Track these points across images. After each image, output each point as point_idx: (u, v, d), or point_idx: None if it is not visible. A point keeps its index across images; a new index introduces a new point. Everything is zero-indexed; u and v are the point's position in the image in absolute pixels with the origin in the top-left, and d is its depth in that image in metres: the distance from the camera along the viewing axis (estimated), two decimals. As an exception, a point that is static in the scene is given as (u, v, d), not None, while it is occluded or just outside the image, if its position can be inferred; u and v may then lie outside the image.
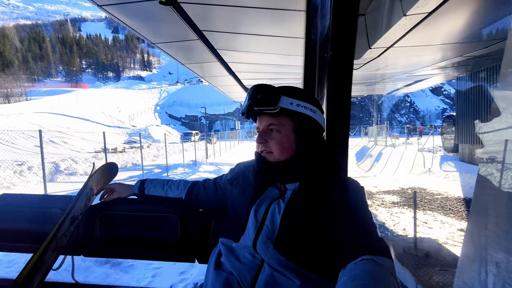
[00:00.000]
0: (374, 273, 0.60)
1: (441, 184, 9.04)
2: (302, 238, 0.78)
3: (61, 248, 1.03)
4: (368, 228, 0.74)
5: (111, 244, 1.19)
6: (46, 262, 0.94)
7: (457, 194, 7.73)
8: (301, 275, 0.76)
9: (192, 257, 1.17)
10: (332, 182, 0.84)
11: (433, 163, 12.60)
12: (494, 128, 1.12)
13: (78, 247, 1.19)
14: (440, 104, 59.89)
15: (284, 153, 0.87)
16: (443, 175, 10.53)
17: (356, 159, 17.60)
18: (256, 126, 0.93)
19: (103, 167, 1.28)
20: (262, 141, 0.88)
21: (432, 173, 11.07)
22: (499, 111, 1.07)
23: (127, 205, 1.22)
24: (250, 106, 0.85)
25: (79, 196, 1.11)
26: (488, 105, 10.95)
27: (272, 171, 0.88)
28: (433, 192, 8.06)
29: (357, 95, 13.28)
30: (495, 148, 1.19)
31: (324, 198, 0.81)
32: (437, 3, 2.33)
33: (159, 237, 1.16)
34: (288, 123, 0.87)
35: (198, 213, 1.19)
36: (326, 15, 1.51)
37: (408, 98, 59.19)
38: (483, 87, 11.11)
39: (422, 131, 25.80)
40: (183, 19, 2.55)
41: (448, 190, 8.14)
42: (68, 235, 1.06)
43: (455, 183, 9.07)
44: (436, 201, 7.07)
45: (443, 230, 5.02)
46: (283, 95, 0.84)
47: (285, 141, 0.86)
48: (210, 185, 1.15)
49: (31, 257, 0.89)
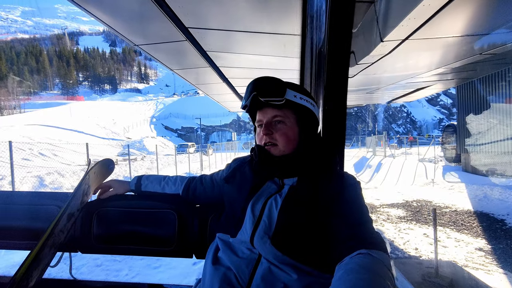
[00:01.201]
0: (370, 266, 0.59)
1: (447, 196, 8.55)
2: (299, 233, 0.78)
3: (58, 245, 1.02)
4: (364, 222, 0.73)
5: (108, 240, 1.18)
6: (43, 259, 0.93)
7: (466, 207, 7.24)
8: (298, 269, 0.76)
9: (189, 252, 1.16)
10: (329, 177, 0.84)
11: (436, 173, 12.16)
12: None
13: (75, 243, 1.19)
14: (437, 114, 60.01)
15: (289, 144, 0.87)
16: (448, 186, 10.05)
17: (355, 170, 17.16)
18: (257, 119, 0.92)
19: (100, 163, 1.25)
20: (269, 132, 0.87)
21: (436, 184, 10.60)
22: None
23: (124, 201, 1.21)
24: (255, 97, 0.85)
25: (76, 193, 1.10)
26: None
27: (274, 165, 0.87)
28: (440, 205, 7.55)
29: (356, 104, 12.90)
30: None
31: (321, 193, 0.81)
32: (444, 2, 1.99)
33: (156, 233, 1.15)
34: (292, 116, 0.88)
35: (195, 208, 1.18)
36: (322, 15, 1.49)
37: (404, 108, 59.32)
38: (486, 94, 10.79)
39: (413, 141, 25.59)
40: (167, 16, 2.28)
41: (456, 203, 7.65)
42: (65, 232, 1.06)
43: (461, 195, 8.58)
44: (445, 215, 6.56)
45: (459, 249, 4.49)
46: (287, 88, 0.85)
47: (290, 133, 0.87)
48: (207, 180, 1.15)
49: (28, 254, 0.88)
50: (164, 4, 2.12)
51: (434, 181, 11.05)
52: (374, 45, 2.79)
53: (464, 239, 4.89)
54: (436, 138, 29.47)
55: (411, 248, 4.59)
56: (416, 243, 4.79)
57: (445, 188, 9.79)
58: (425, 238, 5.00)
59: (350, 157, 20.34)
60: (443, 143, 15.12)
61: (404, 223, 5.98)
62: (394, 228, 5.64)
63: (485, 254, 4.30)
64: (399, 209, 7.28)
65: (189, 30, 2.66)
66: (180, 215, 1.15)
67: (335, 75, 1.17)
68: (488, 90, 10.75)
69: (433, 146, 16.03)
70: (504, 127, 10.22)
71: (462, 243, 4.74)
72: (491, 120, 10.82)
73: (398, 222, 6.11)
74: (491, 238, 4.96)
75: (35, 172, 11.97)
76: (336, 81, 1.17)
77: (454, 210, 6.94)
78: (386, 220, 6.25)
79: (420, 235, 5.15)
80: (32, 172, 11.97)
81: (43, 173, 11.81)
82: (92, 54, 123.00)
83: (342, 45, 1.15)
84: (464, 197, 8.32)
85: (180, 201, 1.17)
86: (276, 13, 2.30)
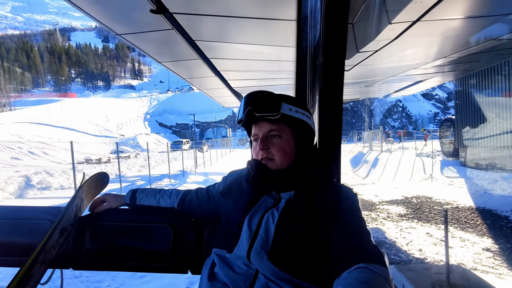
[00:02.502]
0: (369, 281, 0.58)
1: (447, 192, 8.36)
2: (297, 247, 0.76)
3: (50, 261, 0.96)
4: (362, 235, 0.72)
5: (101, 256, 1.14)
6: (34, 276, 0.88)
7: (467, 203, 7.03)
8: (296, 285, 0.74)
9: (185, 268, 1.13)
10: (326, 190, 0.83)
11: (434, 168, 11.99)
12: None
13: (67, 260, 1.14)
14: (432, 108, 60.05)
15: (286, 159, 0.86)
16: (447, 181, 9.88)
17: (352, 165, 17.01)
18: (253, 133, 0.91)
19: (94, 177, 1.24)
20: (265, 147, 0.86)
21: (434, 180, 10.42)
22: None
23: (118, 216, 1.17)
24: (250, 112, 0.84)
25: (69, 207, 1.07)
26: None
27: (272, 179, 0.86)
28: (441, 201, 7.35)
29: (352, 98, 12.60)
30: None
31: (318, 206, 0.79)
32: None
33: (151, 247, 1.12)
34: (288, 129, 0.87)
35: (191, 222, 1.15)
36: (316, 23, 1.45)
37: (400, 103, 59.28)
38: (486, 88, 10.59)
39: (401, 136, 25.64)
40: (149, 1, 1.96)
41: (457, 199, 7.45)
42: (57, 248, 1.01)
43: (461, 191, 8.40)
44: (447, 212, 6.34)
45: (466, 250, 4.27)
46: (282, 102, 0.84)
47: (287, 146, 0.86)
48: (203, 194, 1.13)
49: (18, 271, 0.83)
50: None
51: (433, 176, 10.87)
52: (380, 29, 2.47)
53: (470, 239, 4.67)
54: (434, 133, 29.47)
55: (415, 249, 4.35)
56: (419, 243, 4.55)
57: (444, 184, 9.61)
58: (429, 238, 4.77)
59: (346, 152, 20.17)
60: (440, 138, 14.94)
61: (405, 221, 5.75)
62: (396, 227, 5.40)
63: (493, 255, 4.07)
64: (399, 206, 7.06)
65: (175, 17, 2.38)
66: (175, 229, 1.12)
67: (330, 82, 1.13)
68: (488, 83, 10.55)
69: (431, 140, 15.86)
70: (504, 120, 10.03)
71: (468, 243, 4.52)
72: (491, 114, 10.64)
73: (399, 220, 5.88)
74: (497, 236, 4.75)
75: (23, 172, 11.54)
76: (331, 88, 1.13)
77: (455, 207, 6.73)
78: (387, 218, 6.02)
79: (423, 235, 4.92)
80: (20, 171, 11.55)
81: (31, 172, 11.39)
82: (85, 50, 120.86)
83: (337, 56, 1.11)
84: (465, 192, 8.14)
85: (175, 214, 1.14)
86: (272, 26, 2.26)
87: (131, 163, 18.86)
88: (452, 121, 13.79)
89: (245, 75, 4.76)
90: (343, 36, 1.10)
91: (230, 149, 30.96)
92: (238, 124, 0.92)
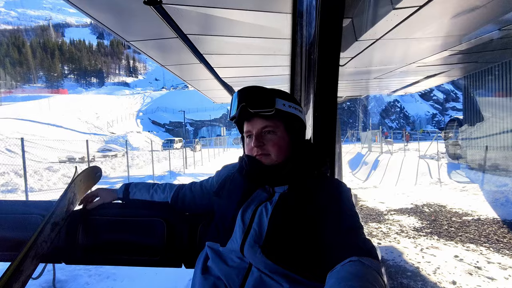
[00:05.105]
0: (361, 274, 0.59)
1: (461, 199, 7.42)
2: (290, 241, 0.77)
3: (41, 256, 0.96)
4: (355, 229, 0.73)
5: (94, 250, 1.14)
6: (25, 271, 0.88)
7: (489, 214, 6.08)
8: (289, 278, 0.74)
9: (179, 262, 1.13)
10: (319, 184, 0.84)
11: (440, 171, 11.10)
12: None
13: (60, 254, 1.14)
14: (430, 109, 59.58)
15: (282, 154, 0.86)
16: (459, 187, 8.95)
17: (350, 167, 16.11)
18: (246, 130, 0.90)
19: (86, 171, 1.22)
20: (260, 144, 0.85)
21: (444, 185, 9.50)
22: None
23: (111, 210, 1.17)
24: (244, 108, 0.83)
25: (61, 201, 1.06)
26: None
27: (266, 174, 0.86)
28: (458, 212, 6.39)
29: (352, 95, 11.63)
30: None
31: (311, 200, 0.80)
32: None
33: (144, 242, 1.12)
34: (281, 124, 0.87)
35: (185, 216, 1.15)
36: (312, 19, 1.43)
37: (398, 103, 58.69)
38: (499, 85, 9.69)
39: (388, 136, 25.08)
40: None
41: (475, 209, 6.49)
42: (49, 242, 1.00)
43: (478, 198, 7.46)
44: (470, 225, 5.38)
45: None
46: (276, 97, 0.84)
47: (282, 142, 0.87)
48: (197, 188, 1.12)
49: (8, 266, 0.83)
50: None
51: (441, 181, 9.97)
52: (382, 15, 2.20)
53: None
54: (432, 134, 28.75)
55: (445, 280, 3.37)
56: (450, 271, 3.58)
57: (456, 190, 8.69)
58: (459, 262, 3.80)
59: (344, 153, 19.24)
60: (446, 139, 14.08)
61: (424, 238, 4.78)
62: (414, 246, 4.43)
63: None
64: (411, 217, 6.10)
65: (164, 7, 2.24)
66: (169, 223, 1.12)
67: (325, 77, 1.13)
68: (501, 80, 9.64)
69: (436, 141, 15.01)
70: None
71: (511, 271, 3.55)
72: (503, 113, 9.75)
73: (415, 236, 4.91)
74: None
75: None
76: (326, 83, 1.13)
77: (477, 219, 5.78)
78: (401, 233, 5.04)
79: (451, 258, 3.94)
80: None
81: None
82: (78, 47, 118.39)
83: (332, 51, 1.11)
84: (482, 200, 7.20)
85: (169, 209, 1.13)
86: (267, 19, 2.22)
87: (118, 162, 17.81)
88: (460, 121, 12.92)
89: (238, 68, 4.32)
90: (338, 29, 1.10)
91: (224, 148, 29.98)
92: (232, 122, 0.90)
